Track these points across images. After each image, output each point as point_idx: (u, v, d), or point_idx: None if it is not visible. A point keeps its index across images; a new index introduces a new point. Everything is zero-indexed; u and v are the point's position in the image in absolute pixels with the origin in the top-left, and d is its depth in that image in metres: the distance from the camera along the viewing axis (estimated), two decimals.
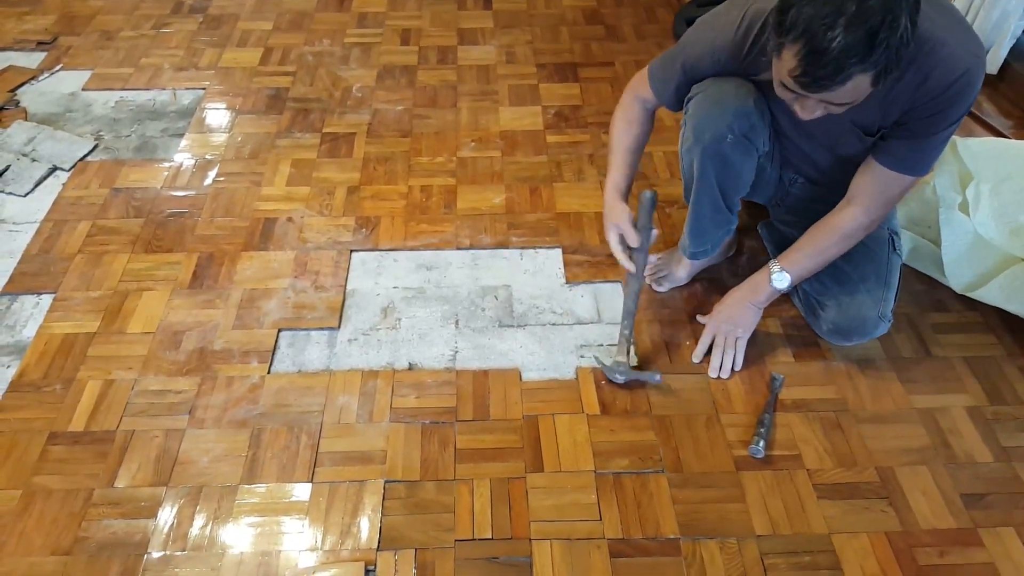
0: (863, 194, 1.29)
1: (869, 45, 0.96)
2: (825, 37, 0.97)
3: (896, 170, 1.24)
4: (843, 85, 1.02)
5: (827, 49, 0.98)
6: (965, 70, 1.10)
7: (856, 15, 0.95)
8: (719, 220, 1.52)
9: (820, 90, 1.04)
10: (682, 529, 1.27)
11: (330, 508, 1.30)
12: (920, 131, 1.19)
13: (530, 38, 2.53)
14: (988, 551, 1.25)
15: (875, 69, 1.00)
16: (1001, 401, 1.47)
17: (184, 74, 2.35)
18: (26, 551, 1.24)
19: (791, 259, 1.39)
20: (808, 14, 0.98)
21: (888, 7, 0.95)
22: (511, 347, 1.57)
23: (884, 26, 0.95)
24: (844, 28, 0.96)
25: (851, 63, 0.98)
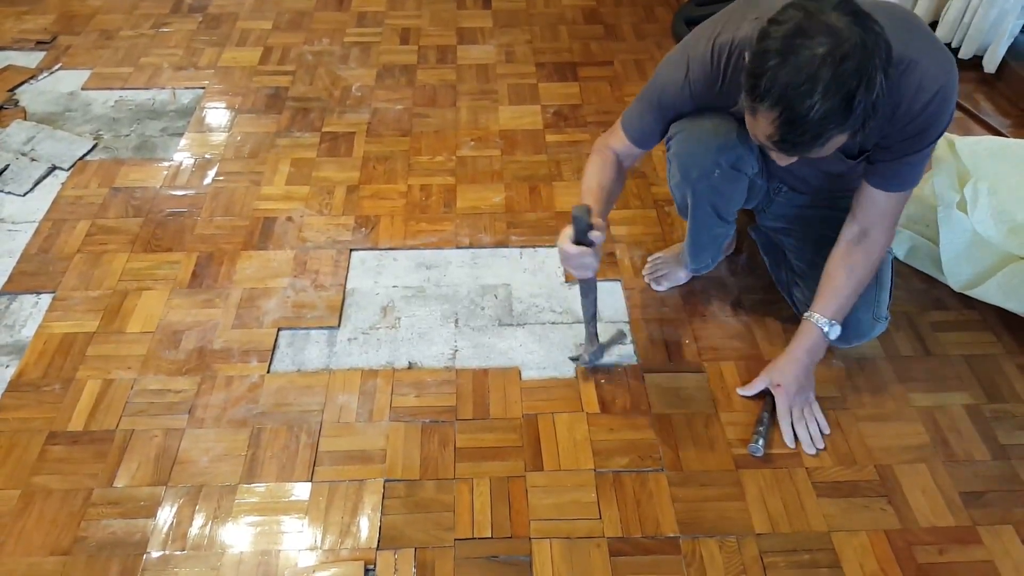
0: (878, 222, 1.28)
1: (847, 109, 0.95)
2: (803, 105, 0.95)
3: (892, 190, 1.24)
4: (821, 148, 1.02)
5: (805, 118, 0.96)
6: (939, 88, 1.09)
7: (833, 81, 0.93)
8: (717, 235, 1.52)
9: (798, 154, 1.05)
10: (682, 527, 1.28)
11: (330, 507, 1.30)
12: (905, 150, 1.18)
13: (529, 37, 2.53)
14: (987, 549, 1.25)
15: (853, 128, 0.99)
16: (1000, 399, 1.47)
17: (183, 73, 2.35)
18: (25, 551, 1.24)
19: (833, 307, 1.33)
20: (783, 82, 0.96)
21: (863, 69, 0.93)
22: (511, 346, 1.57)
23: (860, 88, 0.94)
24: (822, 95, 0.94)
25: (830, 128, 0.97)
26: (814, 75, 0.94)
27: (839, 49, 0.93)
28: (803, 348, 1.37)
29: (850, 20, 0.95)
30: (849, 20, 0.94)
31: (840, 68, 0.93)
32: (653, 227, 1.82)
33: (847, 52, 0.93)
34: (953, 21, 2.32)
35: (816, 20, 0.95)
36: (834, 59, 0.93)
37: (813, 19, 0.95)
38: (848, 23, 0.94)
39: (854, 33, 0.94)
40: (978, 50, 2.30)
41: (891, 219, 1.29)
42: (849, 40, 0.93)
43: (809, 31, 0.94)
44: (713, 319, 1.62)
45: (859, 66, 0.93)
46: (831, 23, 0.94)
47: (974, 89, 2.28)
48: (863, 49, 0.93)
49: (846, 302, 1.34)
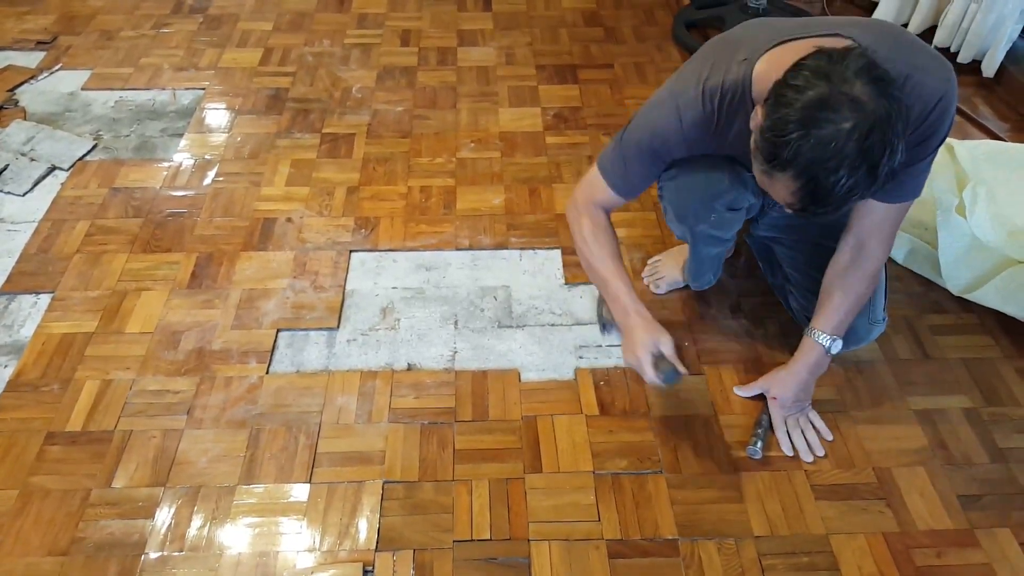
0: (875, 235, 1.26)
1: (871, 179, 0.94)
2: (828, 181, 0.94)
3: (892, 201, 1.22)
4: (839, 211, 1.01)
5: (831, 192, 0.95)
6: (940, 97, 1.08)
7: (859, 157, 0.92)
8: (717, 255, 1.53)
9: (814, 219, 1.05)
10: (680, 530, 1.28)
11: (328, 508, 1.30)
12: (907, 160, 1.17)
13: (530, 40, 2.54)
14: (985, 552, 1.25)
15: (873, 192, 0.99)
16: (998, 402, 1.47)
17: (184, 74, 2.35)
18: (23, 551, 1.24)
19: (834, 322, 1.31)
20: (808, 156, 0.93)
21: (886, 140, 0.92)
22: (510, 348, 1.57)
23: (884, 159, 0.93)
24: (848, 171, 0.92)
25: (853, 198, 0.98)
26: (840, 151, 0.91)
27: (865, 124, 0.91)
28: (805, 365, 1.36)
29: (873, 90, 0.92)
30: (872, 90, 0.92)
31: (866, 143, 0.91)
32: (652, 230, 1.82)
33: (873, 127, 0.91)
34: (952, 26, 2.32)
35: (840, 91, 0.92)
36: (860, 135, 0.91)
37: (837, 90, 0.92)
38: (871, 94, 0.92)
39: (880, 106, 0.91)
40: (977, 55, 2.31)
41: (889, 230, 1.26)
42: (875, 113, 0.91)
43: (833, 104, 0.91)
44: (712, 322, 1.62)
45: (883, 139, 0.92)
46: (855, 95, 0.91)
47: (973, 93, 2.28)
48: (887, 121, 0.92)
49: (846, 317, 1.32)
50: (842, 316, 1.32)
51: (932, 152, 1.16)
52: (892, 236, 1.28)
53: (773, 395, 1.40)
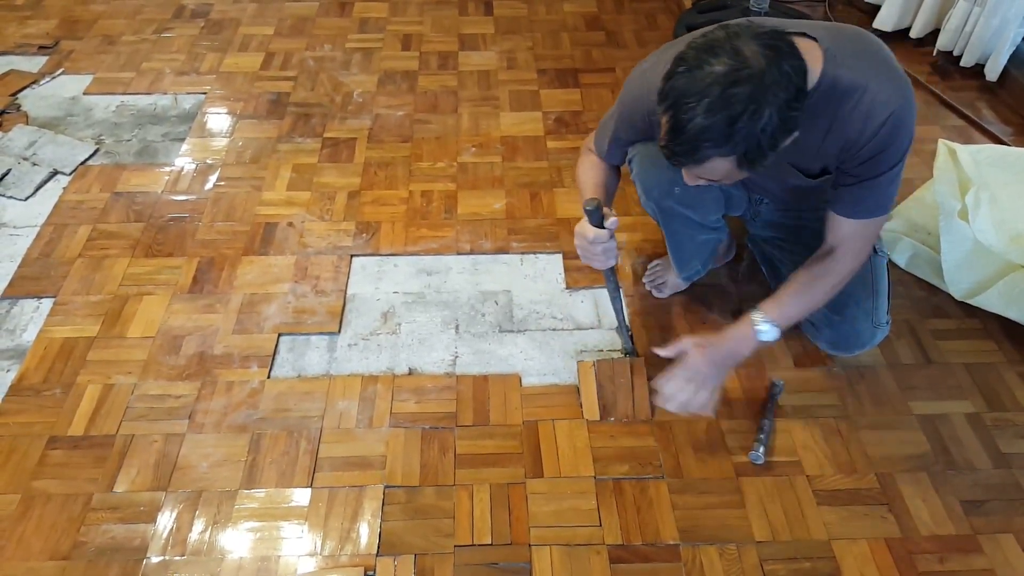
0: (843, 246, 1.25)
1: (726, 132, 0.95)
2: (684, 116, 0.96)
3: (856, 217, 1.21)
4: (701, 164, 1.03)
5: (684, 128, 0.97)
6: (890, 113, 1.08)
7: (718, 100, 0.94)
8: (704, 242, 1.53)
9: (679, 164, 1.06)
10: (682, 535, 1.27)
11: (329, 513, 1.30)
12: (863, 174, 1.16)
13: (531, 44, 2.54)
14: (988, 557, 1.25)
15: (734, 154, 0.99)
16: (1001, 408, 1.47)
17: (185, 79, 2.36)
18: (25, 556, 1.24)
19: (778, 309, 1.25)
20: (678, 89, 0.97)
21: (754, 98, 0.94)
22: (511, 352, 1.57)
23: (745, 115, 0.94)
24: (705, 111, 0.95)
25: (705, 145, 0.98)
26: (703, 90, 0.95)
27: (736, 72, 0.94)
28: (731, 335, 1.28)
29: (763, 51, 0.95)
30: (762, 51, 0.95)
31: (729, 90, 0.94)
32: (654, 234, 1.82)
33: (742, 77, 0.93)
34: (955, 30, 2.32)
35: (730, 42, 0.96)
36: (727, 80, 0.94)
37: (729, 41, 0.96)
38: (759, 53, 0.94)
39: (758, 62, 0.94)
40: (980, 58, 2.31)
41: (857, 245, 1.24)
42: (750, 68, 0.94)
43: (718, 50, 0.96)
44: (714, 326, 1.61)
45: (750, 94, 0.93)
46: (740, 48, 0.95)
47: (976, 98, 2.28)
48: (760, 80, 0.94)
49: (790, 309, 1.26)
50: (787, 307, 1.26)
51: (887, 169, 1.15)
52: (862, 251, 1.25)
53: (700, 343, 1.28)
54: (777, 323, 1.25)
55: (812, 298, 1.27)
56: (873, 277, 1.38)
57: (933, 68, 2.40)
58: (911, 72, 2.36)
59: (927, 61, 2.43)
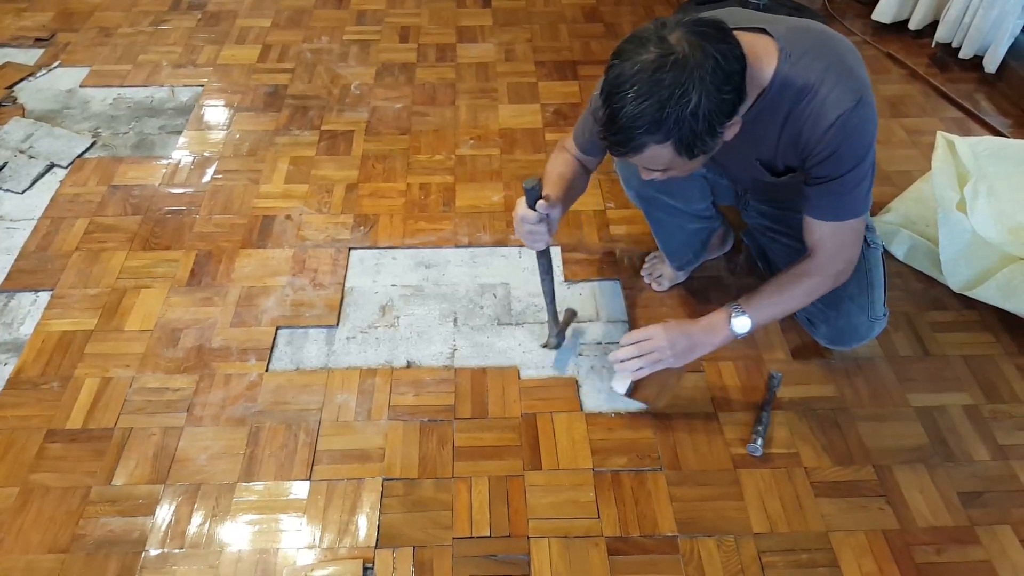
0: (819, 249, 1.24)
1: (656, 117, 0.97)
2: (617, 105, 0.99)
3: (828, 219, 1.20)
4: (640, 152, 1.03)
5: (616, 118, 1.00)
6: (839, 115, 1.08)
7: (645, 86, 0.96)
8: (694, 231, 1.52)
9: (618, 154, 1.06)
10: (680, 527, 1.28)
11: (328, 506, 1.30)
12: (825, 174, 1.16)
13: (529, 36, 2.53)
14: (985, 549, 1.25)
15: (670, 140, 1.00)
16: (999, 399, 1.47)
17: (182, 71, 2.35)
18: (24, 549, 1.24)
19: (752, 301, 1.26)
20: (612, 78, 1.00)
21: (679, 82, 0.95)
22: (509, 345, 1.57)
23: (672, 99, 0.96)
24: (633, 99, 0.97)
25: (638, 133, 1.00)
26: (630, 78, 0.97)
27: (660, 59, 0.96)
28: (703, 321, 1.29)
29: (688, 37, 0.97)
30: (687, 37, 0.97)
31: (655, 76, 0.96)
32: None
33: (666, 63, 0.95)
34: (954, 21, 2.32)
35: (658, 33, 0.98)
36: (654, 68, 0.96)
37: (656, 32, 0.98)
38: (683, 39, 0.97)
39: (682, 48, 0.96)
40: (979, 50, 2.31)
41: (830, 249, 1.23)
42: (674, 54, 0.96)
43: (646, 41, 0.98)
44: None
45: (675, 78, 0.95)
46: (666, 37, 0.97)
47: (974, 89, 2.28)
48: (684, 63, 0.95)
49: (766, 305, 1.26)
50: (762, 300, 1.26)
51: (850, 170, 1.13)
52: (837, 254, 1.24)
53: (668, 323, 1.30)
54: (751, 317, 1.25)
55: (790, 299, 1.27)
56: (867, 270, 1.38)
57: (932, 60, 2.40)
58: (910, 64, 2.36)
59: (926, 53, 2.42)
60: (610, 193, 1.91)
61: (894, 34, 2.50)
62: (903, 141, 2.08)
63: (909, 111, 2.20)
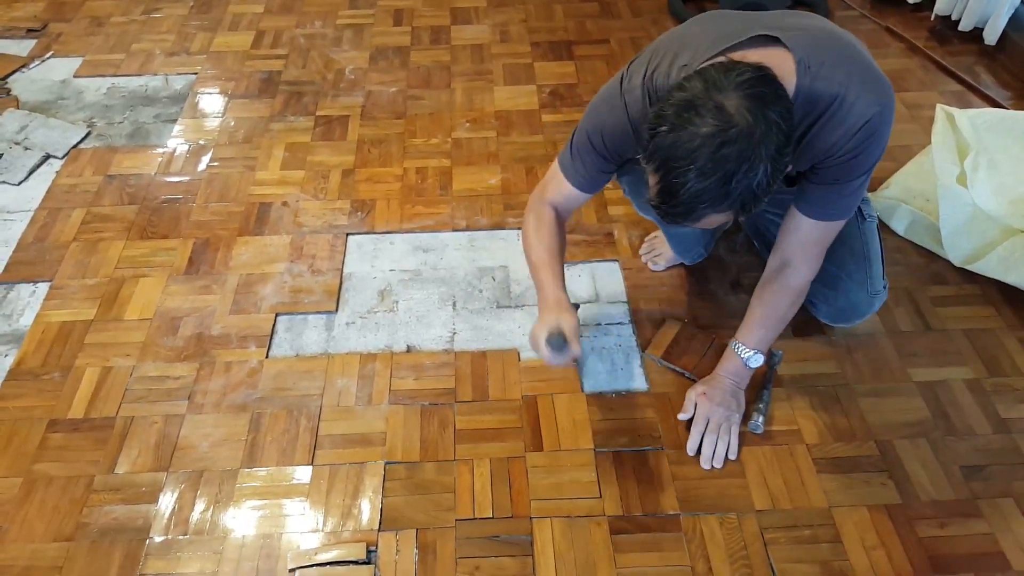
0: (799, 253, 1.25)
1: (722, 193, 0.93)
2: (677, 181, 0.93)
3: (819, 219, 1.20)
4: (696, 221, 1.00)
5: (678, 193, 0.94)
6: (866, 121, 1.06)
7: (710, 163, 0.91)
8: (700, 233, 1.52)
9: (674, 223, 1.02)
10: (682, 505, 1.28)
11: (331, 490, 1.31)
12: (834, 178, 1.15)
13: (524, 16, 2.50)
14: (988, 522, 1.25)
15: (732, 210, 0.97)
16: (1000, 373, 1.47)
17: (176, 59, 2.33)
18: (28, 538, 1.25)
19: (755, 337, 1.32)
20: (665, 150, 0.93)
21: (745, 156, 0.90)
22: (509, 328, 1.57)
23: (738, 175, 0.91)
24: (696, 175, 0.92)
25: (701, 207, 0.95)
26: (692, 154, 0.91)
27: (723, 133, 0.90)
28: (727, 371, 1.36)
29: (745, 104, 0.91)
30: (744, 103, 0.90)
31: (719, 152, 0.90)
32: None
33: (730, 137, 0.90)
34: None
35: (711, 97, 0.91)
36: (715, 142, 0.90)
37: (708, 96, 0.92)
38: (741, 106, 0.90)
39: (743, 118, 0.90)
40: (978, 22, 2.28)
41: (813, 250, 1.24)
42: (736, 126, 0.90)
43: (700, 108, 0.91)
44: (711, 298, 1.61)
45: (740, 153, 0.90)
46: (723, 104, 0.91)
47: (975, 62, 2.25)
48: (748, 137, 0.90)
49: (767, 334, 1.32)
50: (763, 332, 1.32)
51: (858, 176, 1.13)
52: (817, 257, 1.25)
53: (702, 392, 1.37)
54: (759, 348, 1.32)
55: (780, 317, 1.32)
56: (864, 244, 1.37)
57: (931, 33, 2.37)
58: (908, 37, 2.34)
59: (925, 26, 2.40)
60: None
61: (893, 7, 2.48)
62: (902, 115, 2.06)
63: (908, 85, 2.18)
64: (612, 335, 1.55)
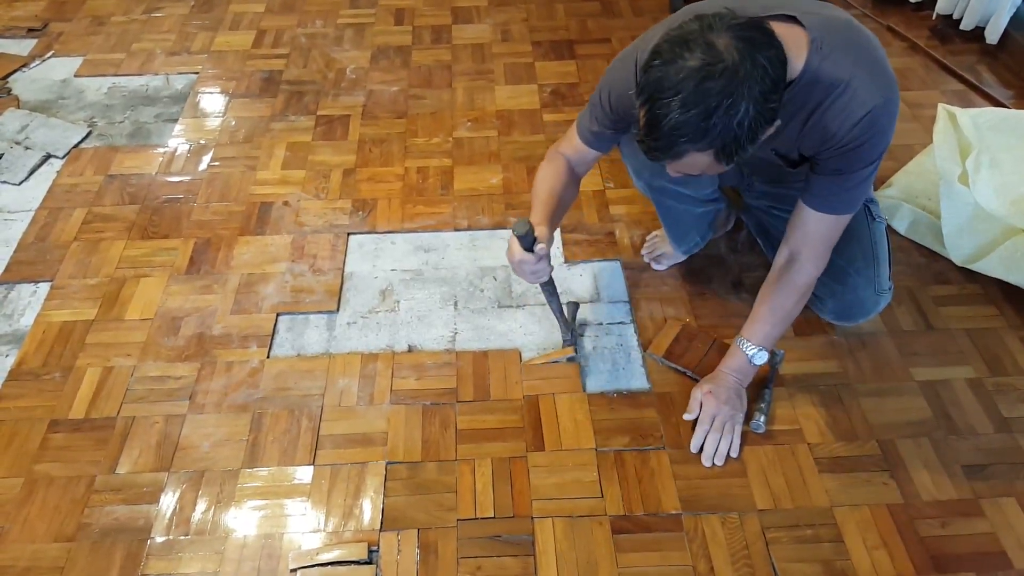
0: (805, 247, 1.25)
1: (702, 128, 0.94)
2: (660, 111, 0.94)
3: (824, 211, 1.20)
4: (679, 159, 1.01)
5: (660, 124, 0.95)
6: (868, 111, 1.07)
7: (692, 95, 0.92)
8: (701, 215, 1.52)
9: (656, 159, 1.03)
10: (684, 505, 1.28)
11: (332, 490, 1.30)
12: (839, 168, 1.15)
13: (525, 15, 2.50)
14: (989, 521, 1.25)
15: (712, 149, 0.97)
16: (1002, 372, 1.46)
17: (177, 59, 2.33)
18: (30, 538, 1.25)
19: (761, 334, 1.32)
20: (652, 84, 0.95)
21: (728, 92, 0.91)
22: (510, 327, 1.56)
23: (720, 109, 0.92)
24: (679, 106, 0.93)
25: (681, 141, 0.96)
26: (677, 85, 0.93)
27: (709, 67, 0.91)
28: (731, 368, 1.36)
29: (736, 44, 0.92)
30: (735, 43, 0.92)
31: (703, 85, 0.91)
32: (651, 206, 1.80)
33: (715, 72, 0.91)
34: None
35: (703, 35, 0.93)
36: (700, 75, 0.92)
37: (702, 34, 0.94)
38: (732, 46, 0.92)
39: (731, 56, 0.92)
40: (980, 21, 2.28)
41: (820, 246, 1.25)
42: (723, 62, 0.91)
43: (692, 44, 0.93)
44: (713, 297, 1.61)
45: (723, 88, 0.91)
46: (714, 41, 0.93)
47: (976, 61, 2.25)
48: (733, 73, 0.91)
49: (772, 330, 1.32)
50: (768, 328, 1.32)
51: (864, 167, 1.14)
52: (824, 254, 1.26)
53: (707, 391, 1.37)
54: (763, 345, 1.32)
55: (786, 314, 1.31)
56: (872, 243, 1.37)
57: (932, 32, 2.37)
58: (910, 36, 2.34)
59: (926, 25, 2.39)
60: (609, 173, 1.90)
61: (894, 6, 2.47)
62: (904, 114, 2.06)
63: (910, 84, 2.18)
64: (614, 335, 1.54)
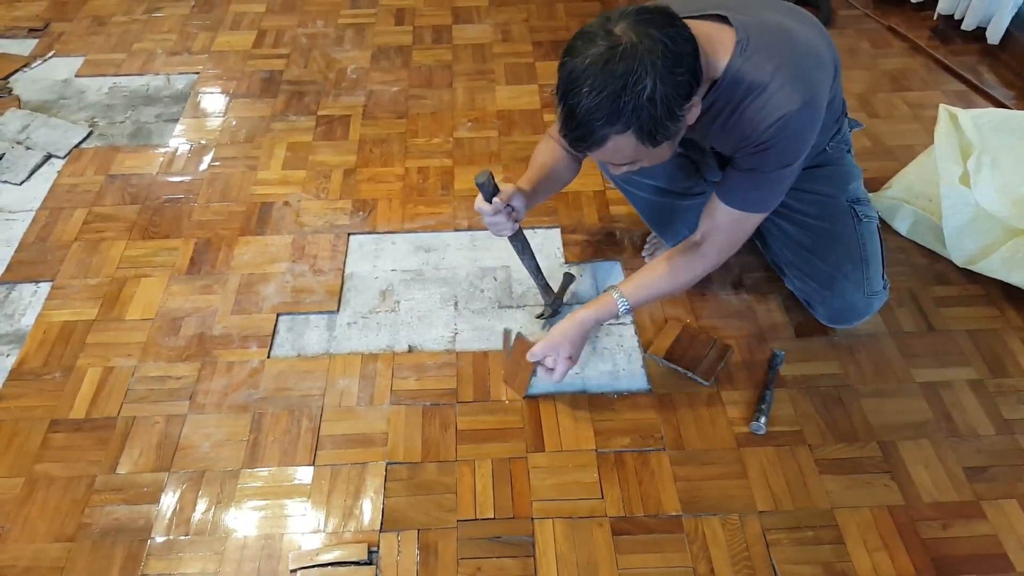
0: (711, 237, 1.26)
1: (614, 109, 0.96)
2: (573, 102, 0.98)
3: (734, 206, 1.21)
4: (602, 146, 1.03)
5: (574, 114, 0.99)
6: (780, 116, 1.08)
7: (599, 79, 0.96)
8: (686, 208, 1.52)
9: (580, 150, 1.06)
10: (684, 506, 1.28)
11: (332, 491, 1.30)
12: (750, 166, 1.17)
13: (525, 16, 2.50)
14: (991, 523, 1.25)
15: (631, 129, 0.99)
16: (1003, 374, 1.46)
17: (177, 59, 2.33)
18: (30, 538, 1.25)
19: (632, 288, 1.31)
20: (565, 76, 0.99)
21: (631, 70, 0.94)
22: (511, 328, 1.56)
23: (627, 89, 0.95)
24: (588, 93, 0.97)
25: (596, 125, 0.99)
26: (583, 73, 0.97)
27: (610, 51, 0.95)
28: (592, 312, 1.33)
29: (634, 27, 0.96)
30: (632, 27, 0.96)
31: (606, 68, 0.95)
32: None
33: (616, 54, 0.95)
34: None
35: (603, 27, 0.98)
36: (605, 59, 0.95)
37: (603, 25, 0.98)
38: (628, 29, 0.96)
39: (628, 37, 0.96)
40: (981, 21, 2.27)
41: (724, 239, 1.25)
42: (622, 44, 0.95)
43: (593, 36, 0.98)
44: (714, 297, 1.61)
45: (627, 67, 0.95)
46: (612, 30, 0.97)
47: (977, 61, 2.25)
48: (633, 52, 0.95)
49: (644, 294, 1.31)
50: (641, 291, 1.31)
51: (776, 169, 1.15)
52: (727, 248, 1.27)
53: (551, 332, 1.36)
54: (629, 302, 1.31)
55: (668, 287, 1.32)
56: (860, 244, 1.37)
57: (934, 33, 2.37)
58: (911, 37, 2.33)
59: (927, 25, 2.39)
60: None
61: (895, 7, 2.47)
62: (905, 115, 2.06)
63: (911, 84, 2.17)
64: (614, 335, 1.54)
